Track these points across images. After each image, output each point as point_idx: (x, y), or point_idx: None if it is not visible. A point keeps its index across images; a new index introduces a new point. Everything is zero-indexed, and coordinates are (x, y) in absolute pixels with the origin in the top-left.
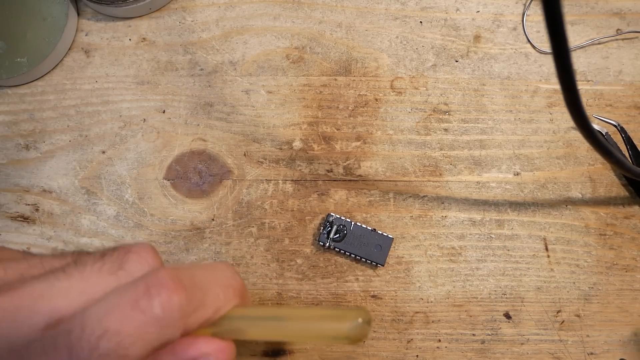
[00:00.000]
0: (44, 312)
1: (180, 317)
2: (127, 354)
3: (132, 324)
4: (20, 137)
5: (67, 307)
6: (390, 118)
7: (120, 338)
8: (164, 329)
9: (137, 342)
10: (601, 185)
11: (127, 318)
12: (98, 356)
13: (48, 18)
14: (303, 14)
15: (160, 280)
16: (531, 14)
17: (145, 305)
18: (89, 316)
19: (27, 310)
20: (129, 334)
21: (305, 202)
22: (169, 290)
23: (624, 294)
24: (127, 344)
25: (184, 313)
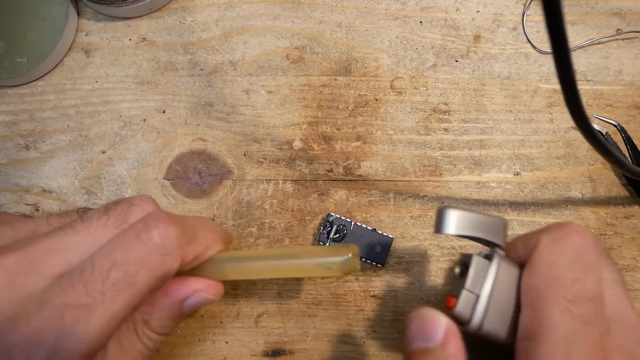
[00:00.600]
0: (56, 264)
1: (177, 246)
2: (135, 280)
3: (137, 254)
4: (20, 137)
5: (77, 259)
6: (390, 118)
7: (127, 267)
8: (164, 257)
9: (143, 269)
10: (601, 185)
11: (131, 249)
12: (110, 285)
13: (48, 18)
14: (303, 14)
15: (157, 216)
16: (531, 14)
17: (146, 236)
18: (97, 255)
19: (41, 263)
20: (135, 262)
21: (305, 202)
22: (166, 224)
23: None
24: (134, 272)
25: (180, 242)
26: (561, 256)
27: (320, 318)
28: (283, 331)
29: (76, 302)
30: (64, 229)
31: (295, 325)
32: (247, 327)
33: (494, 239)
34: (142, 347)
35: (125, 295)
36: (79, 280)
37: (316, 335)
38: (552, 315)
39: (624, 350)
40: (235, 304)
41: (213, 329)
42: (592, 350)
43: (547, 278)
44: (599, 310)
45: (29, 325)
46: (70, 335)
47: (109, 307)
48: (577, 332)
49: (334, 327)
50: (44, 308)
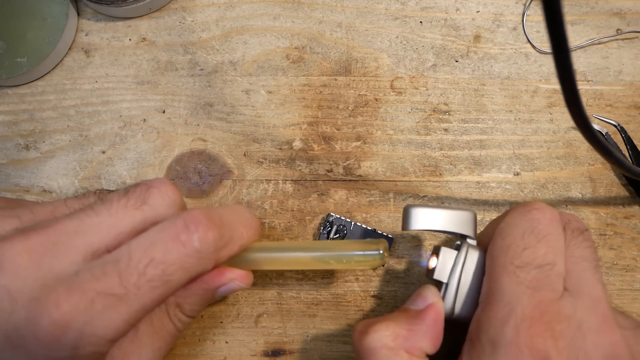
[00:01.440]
0: (80, 246)
1: (214, 251)
2: (171, 279)
3: (175, 255)
4: (20, 137)
5: (99, 241)
6: (390, 118)
7: (165, 266)
8: (201, 260)
9: (179, 270)
10: (601, 185)
11: (170, 249)
12: (146, 281)
13: (48, 18)
14: (303, 14)
15: (197, 218)
16: (531, 14)
17: (186, 239)
18: (135, 247)
19: (65, 245)
20: (172, 262)
21: (305, 202)
22: (205, 227)
23: (624, 294)
24: (170, 272)
25: (216, 247)
26: (516, 227)
27: (320, 318)
28: (283, 331)
29: (108, 290)
30: (84, 211)
31: (295, 325)
32: (247, 327)
33: (461, 230)
34: (172, 328)
35: (159, 291)
36: (113, 270)
37: (316, 335)
38: (500, 279)
39: (571, 320)
40: (235, 304)
41: (213, 329)
42: (534, 313)
43: (500, 246)
44: (548, 278)
45: (59, 309)
46: (99, 321)
47: (140, 300)
48: (520, 295)
49: (334, 327)
50: (75, 292)
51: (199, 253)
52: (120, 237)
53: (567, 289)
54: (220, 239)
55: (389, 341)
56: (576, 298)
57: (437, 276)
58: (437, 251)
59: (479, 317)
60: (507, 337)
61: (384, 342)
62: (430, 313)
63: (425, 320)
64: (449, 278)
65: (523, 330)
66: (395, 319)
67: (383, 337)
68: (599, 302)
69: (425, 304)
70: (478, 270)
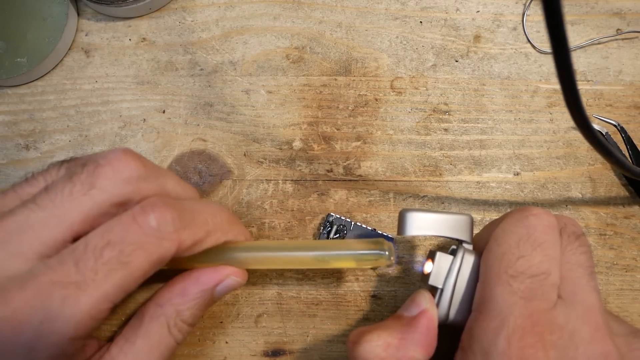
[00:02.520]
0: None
1: (173, 230)
2: (130, 260)
3: (132, 235)
4: (20, 137)
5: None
6: (390, 118)
7: (122, 246)
8: (161, 240)
9: (138, 250)
10: (601, 185)
11: (127, 230)
12: (102, 263)
13: (48, 18)
14: (303, 14)
15: (154, 201)
16: (531, 14)
17: (142, 219)
18: (91, 235)
19: (13, 244)
20: (129, 242)
21: (305, 202)
22: (162, 208)
23: (624, 294)
24: (128, 252)
25: (176, 227)
26: (512, 234)
27: (320, 318)
28: (283, 331)
29: (65, 279)
30: (27, 206)
31: (295, 326)
32: (247, 327)
33: (457, 235)
34: (172, 341)
35: (119, 275)
36: (69, 258)
37: (316, 335)
38: (493, 288)
39: (564, 330)
40: (235, 304)
41: (213, 329)
42: (525, 324)
43: (494, 255)
44: (541, 287)
45: (9, 306)
46: (57, 315)
47: (100, 286)
48: (512, 305)
49: (334, 327)
50: (28, 287)
51: (158, 232)
52: (76, 227)
53: (561, 296)
54: (180, 219)
55: (380, 351)
56: (570, 307)
57: (432, 282)
58: (433, 256)
59: (472, 326)
60: (499, 348)
61: (375, 353)
62: (422, 320)
63: (418, 328)
64: (444, 284)
65: (515, 342)
66: (388, 327)
67: (375, 347)
68: (592, 311)
69: (418, 310)
70: (473, 276)
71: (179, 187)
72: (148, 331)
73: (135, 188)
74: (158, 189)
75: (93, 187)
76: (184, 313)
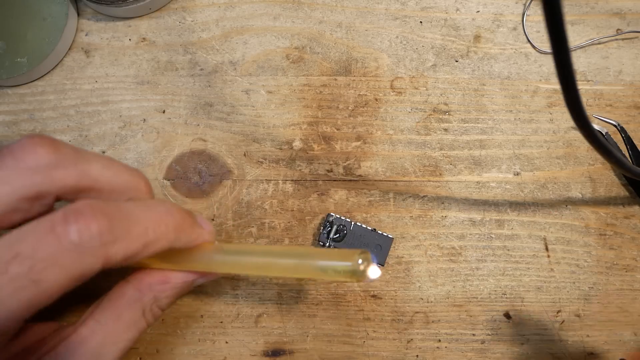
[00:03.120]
0: None
1: (100, 245)
2: (40, 278)
3: (46, 249)
4: (20, 137)
5: None
6: (390, 118)
7: (33, 262)
8: (82, 256)
9: (52, 267)
10: (601, 185)
11: (41, 243)
12: (8, 280)
13: (48, 18)
14: (303, 14)
15: (79, 208)
16: (531, 14)
17: (61, 231)
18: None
19: None
20: (42, 258)
21: (305, 202)
22: (87, 218)
23: (624, 294)
24: (40, 269)
25: (103, 241)
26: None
27: (320, 318)
28: (283, 331)
29: None
30: None
31: (295, 325)
32: (247, 327)
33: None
34: (144, 324)
35: (26, 294)
36: None
37: (316, 335)
38: None
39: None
40: (235, 304)
41: (213, 329)
42: None
43: None
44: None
45: None
46: None
47: (3, 305)
48: None
49: (334, 327)
50: None
51: (79, 247)
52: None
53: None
54: (109, 232)
55: None
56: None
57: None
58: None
59: None
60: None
61: None
62: None
63: None
64: None
65: None
66: None
67: None
68: None
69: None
70: None
71: (109, 172)
72: (121, 314)
73: (45, 177)
74: (78, 176)
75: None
76: (161, 300)
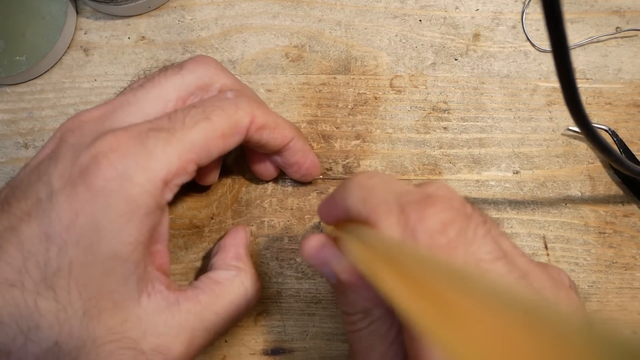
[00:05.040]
0: (134, 112)
1: (248, 105)
2: (211, 117)
3: (213, 100)
4: (19, 136)
5: (151, 109)
6: (389, 116)
7: (204, 107)
8: (237, 108)
9: (218, 110)
10: (600, 184)
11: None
12: (190, 117)
13: (47, 17)
14: (302, 13)
15: (231, 87)
16: (531, 12)
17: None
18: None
19: (121, 112)
20: (210, 104)
21: (305, 201)
22: (239, 92)
23: (624, 292)
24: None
25: (251, 104)
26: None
27: (320, 317)
28: (282, 330)
29: (159, 126)
30: (135, 88)
31: (294, 324)
32: (246, 326)
33: None
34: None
35: (202, 126)
36: (164, 115)
37: (316, 333)
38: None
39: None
40: None
41: None
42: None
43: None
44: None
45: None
46: (152, 152)
47: (187, 133)
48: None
49: (334, 326)
50: (130, 129)
51: (234, 102)
52: (170, 105)
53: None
54: (255, 101)
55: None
56: None
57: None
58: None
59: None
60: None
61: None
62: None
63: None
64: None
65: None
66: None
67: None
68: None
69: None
70: None
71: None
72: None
73: (214, 73)
74: (234, 81)
75: (182, 69)
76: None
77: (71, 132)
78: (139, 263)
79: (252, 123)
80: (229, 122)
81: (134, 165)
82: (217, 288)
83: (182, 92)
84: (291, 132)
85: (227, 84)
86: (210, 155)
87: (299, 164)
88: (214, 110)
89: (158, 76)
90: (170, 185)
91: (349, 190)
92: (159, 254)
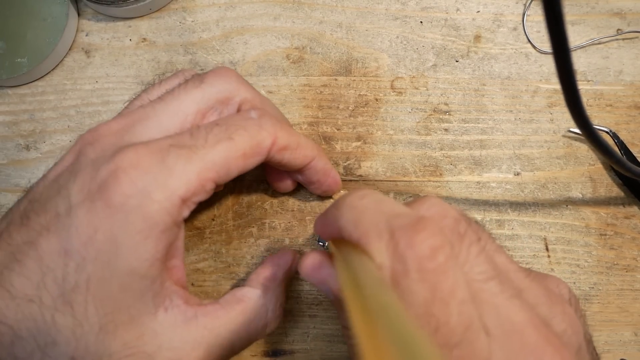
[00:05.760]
0: (153, 127)
1: (271, 125)
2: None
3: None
4: (20, 138)
5: (170, 122)
6: (390, 118)
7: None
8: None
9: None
10: (601, 185)
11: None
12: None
13: (48, 18)
14: (303, 14)
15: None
16: (531, 14)
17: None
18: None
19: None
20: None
21: (306, 202)
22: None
23: (625, 294)
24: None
25: (274, 124)
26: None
27: (321, 318)
28: (283, 331)
29: (180, 143)
30: (154, 101)
31: (295, 326)
32: None
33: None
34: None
35: (224, 145)
36: (186, 132)
37: (317, 335)
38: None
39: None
40: None
41: None
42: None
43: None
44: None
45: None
46: (172, 169)
47: (209, 152)
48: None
49: (335, 328)
50: (151, 144)
51: (258, 122)
52: (190, 119)
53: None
54: (277, 121)
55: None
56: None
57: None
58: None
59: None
60: None
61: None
62: None
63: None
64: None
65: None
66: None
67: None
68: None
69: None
70: None
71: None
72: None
73: (235, 87)
74: (254, 94)
75: (202, 82)
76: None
77: (90, 145)
78: (155, 279)
79: (274, 144)
80: (251, 142)
81: (153, 183)
82: (239, 306)
83: (202, 106)
84: (312, 152)
85: (248, 97)
86: (230, 174)
87: (320, 182)
88: (237, 130)
89: (178, 89)
90: (188, 203)
91: (341, 211)
92: (176, 269)
